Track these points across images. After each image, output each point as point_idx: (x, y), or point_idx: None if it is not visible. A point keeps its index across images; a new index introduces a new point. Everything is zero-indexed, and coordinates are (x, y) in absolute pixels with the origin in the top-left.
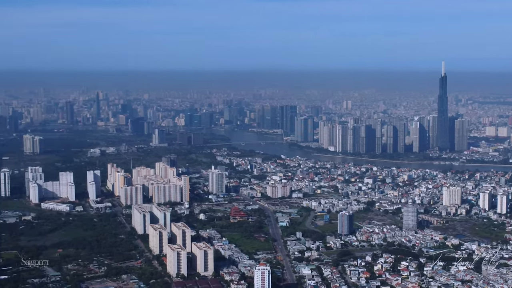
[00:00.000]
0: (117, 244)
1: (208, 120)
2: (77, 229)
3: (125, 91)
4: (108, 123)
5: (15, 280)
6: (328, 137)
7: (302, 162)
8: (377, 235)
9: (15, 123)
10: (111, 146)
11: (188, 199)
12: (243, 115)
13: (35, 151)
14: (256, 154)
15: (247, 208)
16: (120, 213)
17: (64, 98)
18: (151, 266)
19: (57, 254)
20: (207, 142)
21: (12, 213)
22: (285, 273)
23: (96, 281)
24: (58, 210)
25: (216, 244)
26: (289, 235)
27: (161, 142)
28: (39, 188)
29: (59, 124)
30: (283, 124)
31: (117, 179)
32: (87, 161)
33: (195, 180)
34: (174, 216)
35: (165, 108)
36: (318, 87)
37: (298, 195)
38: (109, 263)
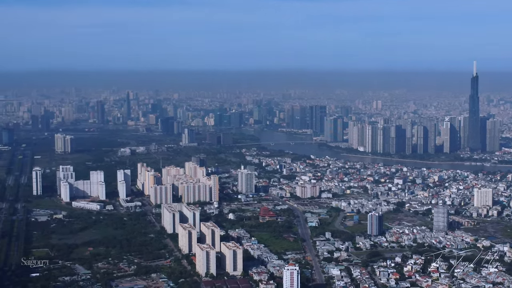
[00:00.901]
0: (147, 243)
1: (237, 120)
2: (107, 227)
3: (155, 90)
4: (138, 122)
5: (46, 277)
6: (357, 137)
7: (331, 162)
8: (407, 236)
9: (47, 122)
10: (141, 145)
11: (218, 198)
12: (273, 115)
13: (67, 150)
14: (286, 154)
15: (276, 208)
16: (150, 212)
17: (95, 97)
18: (180, 265)
19: (88, 252)
20: (237, 142)
21: (43, 211)
22: (314, 274)
23: (126, 279)
24: (88, 208)
25: (245, 244)
26: (318, 235)
27: (191, 141)
28: (70, 187)
29: (90, 123)
30: (312, 124)
31: (147, 179)
32: (118, 160)
33: (225, 180)
34: (204, 216)
35: (194, 108)
36: (348, 87)
37: (327, 195)
38: (139, 261)
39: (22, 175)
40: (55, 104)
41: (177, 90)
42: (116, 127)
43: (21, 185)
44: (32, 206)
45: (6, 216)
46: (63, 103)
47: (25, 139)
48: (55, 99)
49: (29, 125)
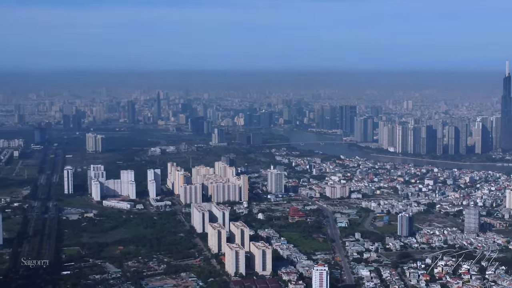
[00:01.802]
0: (177, 242)
1: (267, 119)
2: (138, 226)
3: (185, 90)
4: (168, 122)
5: (77, 276)
6: (388, 137)
7: (361, 162)
8: (438, 237)
9: (78, 122)
10: (171, 145)
11: (247, 198)
12: (302, 115)
13: (97, 150)
14: (315, 154)
15: (305, 208)
16: (180, 211)
17: (126, 97)
18: (209, 265)
19: (118, 251)
20: (266, 141)
21: (75, 210)
22: (343, 274)
23: (155, 278)
24: (119, 207)
25: (275, 244)
26: (348, 235)
27: (221, 141)
28: (101, 186)
29: (121, 123)
30: (342, 124)
31: (177, 178)
32: (148, 159)
33: (254, 180)
34: (233, 215)
35: (224, 108)
36: (378, 87)
37: (357, 195)
38: (169, 261)
39: (54, 174)
40: (86, 104)
41: (207, 90)
42: (147, 127)
43: (53, 184)
44: (63, 205)
45: (38, 215)
46: (94, 102)
47: (56, 138)
48: (87, 99)
49: (60, 124)
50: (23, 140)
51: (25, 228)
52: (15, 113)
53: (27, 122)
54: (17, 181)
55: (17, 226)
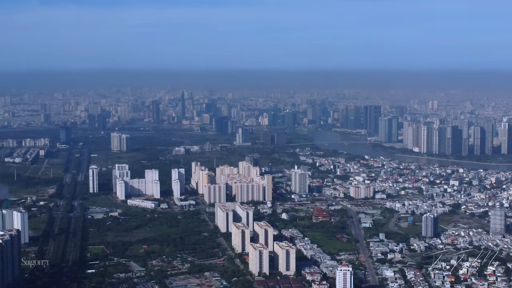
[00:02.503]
0: (200, 242)
1: (291, 119)
2: (162, 226)
3: (210, 90)
4: (192, 122)
5: (101, 274)
6: (413, 137)
7: (386, 162)
8: (463, 239)
9: (103, 121)
10: (196, 144)
11: (271, 198)
12: (327, 115)
13: (122, 149)
14: (340, 154)
15: (329, 208)
16: (204, 211)
17: (151, 97)
18: (233, 264)
19: (142, 250)
20: (290, 141)
21: (99, 209)
22: (367, 275)
23: (179, 277)
24: (143, 207)
25: (298, 244)
26: (372, 236)
27: (245, 141)
28: (126, 185)
29: (145, 122)
30: (367, 124)
31: (201, 178)
32: (172, 159)
33: (278, 180)
34: (257, 215)
35: (248, 107)
36: (403, 87)
37: (381, 196)
38: (192, 260)
39: (79, 173)
40: (111, 103)
41: (231, 89)
42: (171, 126)
43: (78, 183)
44: (88, 204)
45: (63, 213)
46: (119, 102)
47: (82, 137)
48: (112, 99)
49: (86, 124)
50: (49, 139)
51: (51, 226)
52: (41, 113)
53: (53, 122)
54: (43, 180)
55: (43, 225)
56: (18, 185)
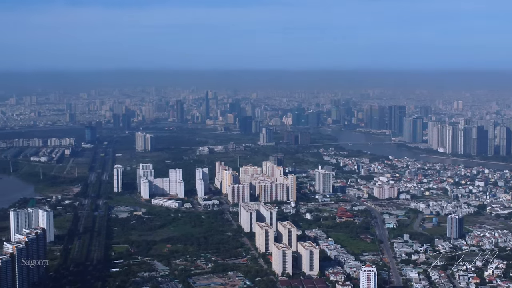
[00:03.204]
0: (224, 241)
1: (315, 119)
2: (186, 225)
3: (234, 90)
4: (216, 121)
5: (126, 273)
6: (437, 138)
7: (410, 163)
8: (488, 240)
9: (128, 121)
10: (219, 144)
11: (295, 198)
12: (351, 115)
13: (147, 149)
14: (364, 154)
15: (353, 208)
16: (227, 210)
17: (175, 97)
18: (256, 264)
19: (166, 249)
20: (314, 141)
21: (124, 208)
22: (391, 276)
23: (203, 276)
24: (167, 206)
25: (322, 244)
26: (396, 237)
27: (269, 141)
28: (150, 184)
29: (170, 122)
30: (391, 124)
31: (224, 177)
32: (196, 159)
33: (302, 180)
34: (280, 215)
35: (272, 107)
36: (428, 87)
37: (405, 196)
38: (216, 259)
39: (104, 172)
40: (135, 103)
41: (255, 89)
42: (195, 126)
43: (103, 182)
44: (113, 203)
45: (88, 212)
46: (143, 102)
47: (107, 137)
48: (136, 98)
49: (110, 123)
50: (74, 138)
51: (76, 225)
52: (67, 112)
53: (78, 121)
54: (68, 179)
55: (68, 223)
56: (43, 184)
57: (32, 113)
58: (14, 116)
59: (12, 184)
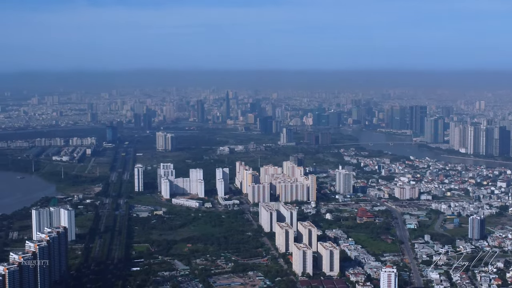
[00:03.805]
0: (244, 241)
1: (336, 119)
2: (206, 225)
3: (254, 90)
4: (237, 121)
5: (146, 272)
6: (459, 138)
7: (431, 163)
8: (510, 241)
9: (149, 120)
10: (240, 144)
11: (315, 198)
12: (372, 115)
13: (167, 148)
14: (384, 154)
15: (374, 209)
16: (248, 210)
17: (195, 96)
18: (277, 264)
19: (187, 249)
20: (335, 141)
21: (144, 207)
22: (412, 277)
23: (223, 276)
24: (188, 206)
25: (342, 244)
26: (417, 237)
27: (289, 141)
28: (170, 184)
29: (190, 122)
30: (412, 125)
31: (245, 177)
32: (216, 158)
33: (322, 180)
34: (301, 215)
35: (293, 107)
36: (449, 87)
37: (427, 197)
38: (236, 259)
39: (125, 172)
40: (156, 103)
41: (276, 89)
42: (216, 126)
43: (124, 181)
44: (133, 202)
45: (109, 211)
46: (164, 102)
47: (128, 136)
48: (157, 98)
49: (131, 123)
50: (96, 138)
51: (97, 224)
52: (88, 112)
53: (100, 121)
54: (90, 179)
55: (89, 222)
56: (65, 183)
57: (54, 113)
58: (37, 116)
59: (34, 183)
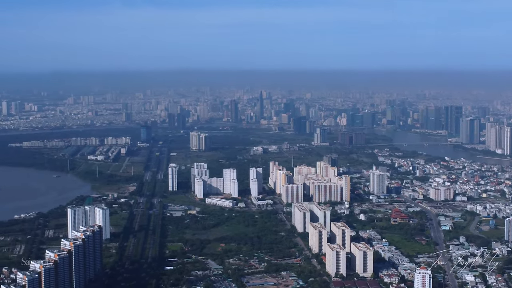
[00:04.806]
0: (277, 241)
1: (370, 120)
2: (239, 225)
3: (288, 90)
4: (271, 121)
5: (180, 271)
6: (495, 139)
7: (467, 164)
8: None
9: (183, 120)
10: (274, 144)
11: (349, 199)
12: (406, 115)
13: (201, 148)
14: (419, 155)
15: (408, 210)
16: (281, 210)
17: (229, 96)
18: (310, 265)
19: (220, 248)
20: (369, 142)
21: (178, 207)
22: (446, 279)
23: (256, 276)
24: (221, 205)
25: (376, 245)
26: (452, 239)
27: (323, 141)
28: (204, 183)
29: (224, 122)
30: (447, 125)
31: (278, 177)
32: (250, 158)
33: (356, 180)
34: (334, 216)
35: (327, 108)
36: (486, 87)
37: (462, 198)
38: (269, 259)
39: (159, 171)
40: (190, 103)
41: (309, 89)
42: (249, 126)
43: (158, 180)
44: (167, 201)
45: (143, 210)
46: (198, 101)
47: (162, 136)
48: (191, 98)
49: (166, 123)
50: (130, 138)
51: (131, 223)
52: (123, 112)
53: (134, 121)
54: (124, 178)
55: (123, 221)
56: (100, 182)
57: (89, 113)
58: (72, 116)
59: (70, 182)
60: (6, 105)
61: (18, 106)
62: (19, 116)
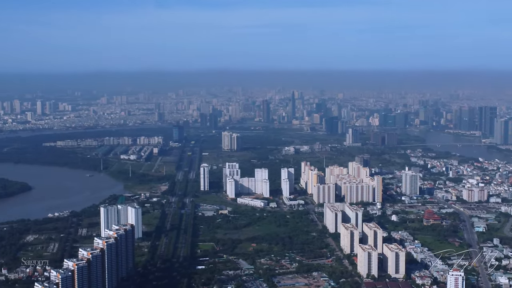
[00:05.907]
0: (309, 242)
1: (402, 120)
2: (270, 225)
3: (320, 90)
4: (302, 121)
5: (211, 270)
6: None
7: (501, 165)
8: None
9: (215, 120)
10: (305, 144)
11: (381, 199)
12: (439, 115)
13: (233, 148)
14: (452, 156)
15: (441, 211)
16: (312, 211)
17: (261, 96)
18: (341, 265)
19: (251, 248)
20: (401, 142)
21: (210, 206)
22: (480, 281)
23: (287, 276)
24: (252, 205)
25: (408, 247)
26: (486, 241)
27: (355, 141)
28: (236, 183)
29: (256, 122)
30: (481, 126)
31: (310, 177)
32: (282, 158)
33: (388, 181)
34: (366, 216)
35: (359, 108)
36: None
37: (496, 200)
38: (300, 259)
39: (191, 171)
40: (222, 103)
41: (341, 89)
42: (281, 126)
43: (190, 180)
44: (199, 201)
45: (175, 210)
46: (230, 101)
47: (194, 136)
48: (223, 98)
49: (198, 122)
50: (162, 137)
51: (163, 222)
52: (155, 111)
53: (166, 120)
54: (156, 177)
55: (155, 220)
56: (132, 182)
57: (122, 112)
58: (105, 115)
59: (103, 181)
60: (40, 104)
61: (52, 105)
62: (53, 115)
